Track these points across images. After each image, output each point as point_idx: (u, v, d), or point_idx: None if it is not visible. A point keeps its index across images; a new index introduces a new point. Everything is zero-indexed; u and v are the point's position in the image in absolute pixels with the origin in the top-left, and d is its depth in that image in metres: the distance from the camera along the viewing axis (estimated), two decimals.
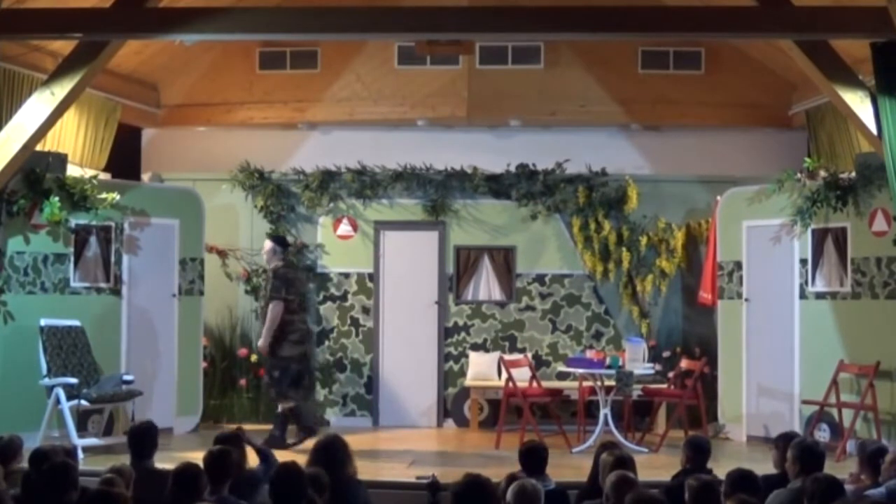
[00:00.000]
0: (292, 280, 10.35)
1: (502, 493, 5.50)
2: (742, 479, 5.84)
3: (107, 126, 11.55)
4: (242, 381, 11.93)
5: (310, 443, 8.34)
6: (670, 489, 6.11)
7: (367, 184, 12.17)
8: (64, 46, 9.59)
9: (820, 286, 10.44)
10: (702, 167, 12.31)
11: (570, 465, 8.89)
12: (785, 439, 6.70)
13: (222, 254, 12.13)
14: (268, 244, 10.58)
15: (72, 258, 10.29)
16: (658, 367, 11.23)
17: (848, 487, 5.91)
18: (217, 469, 5.85)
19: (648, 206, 12.11)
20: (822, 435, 10.05)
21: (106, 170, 11.47)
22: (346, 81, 12.43)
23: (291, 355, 10.23)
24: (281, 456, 7.09)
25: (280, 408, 10.21)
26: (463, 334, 12.15)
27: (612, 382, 10.26)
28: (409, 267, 12.17)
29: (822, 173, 10.46)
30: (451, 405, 12.02)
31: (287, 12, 9.02)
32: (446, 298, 12.17)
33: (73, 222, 10.21)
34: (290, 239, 11.63)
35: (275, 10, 9.57)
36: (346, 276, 12.21)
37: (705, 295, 11.38)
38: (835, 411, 10.04)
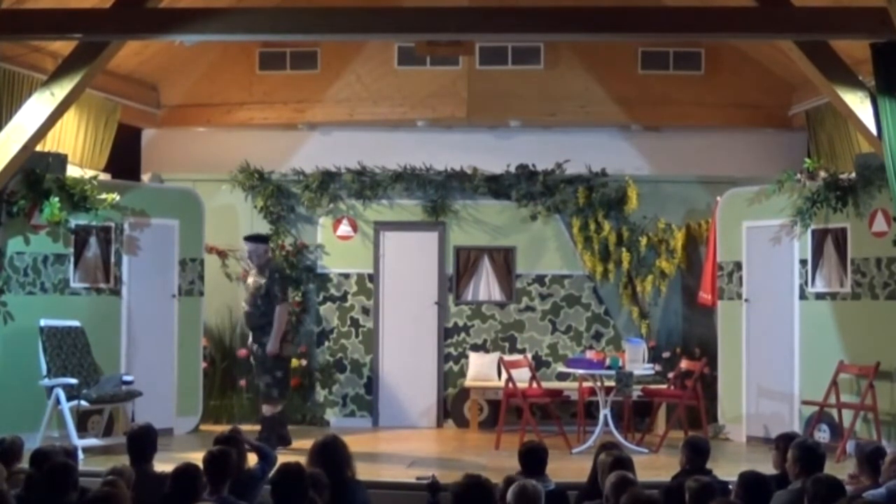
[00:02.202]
0: (287, 280, 10.39)
1: (501, 496, 5.50)
2: (755, 483, 5.80)
3: (107, 126, 11.55)
4: (242, 382, 11.92)
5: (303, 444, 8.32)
6: (670, 490, 6.11)
7: (367, 184, 12.17)
8: (64, 46, 9.59)
9: (820, 287, 10.44)
10: (702, 167, 12.31)
11: (570, 466, 8.89)
12: (785, 440, 6.69)
13: (222, 254, 12.13)
14: (258, 245, 10.33)
15: (72, 259, 10.28)
16: (658, 367, 11.23)
17: (847, 488, 5.90)
18: (216, 469, 5.85)
19: (648, 206, 12.11)
20: (822, 435, 10.05)
21: (106, 170, 11.46)
22: (346, 82, 12.43)
23: (290, 355, 10.34)
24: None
25: (267, 411, 10.14)
26: (463, 335, 12.15)
27: (611, 383, 10.26)
28: (408, 267, 12.16)
29: (822, 174, 10.46)
30: (451, 406, 12.02)
31: (287, 12, 9.01)
32: (446, 299, 12.17)
33: (72, 223, 10.21)
34: (290, 240, 11.68)
35: (275, 10, 9.56)
36: (346, 276, 12.21)
37: (705, 295, 11.38)
38: (835, 412, 10.04)
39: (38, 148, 9.76)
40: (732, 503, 5.34)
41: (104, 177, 11.07)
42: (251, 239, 10.51)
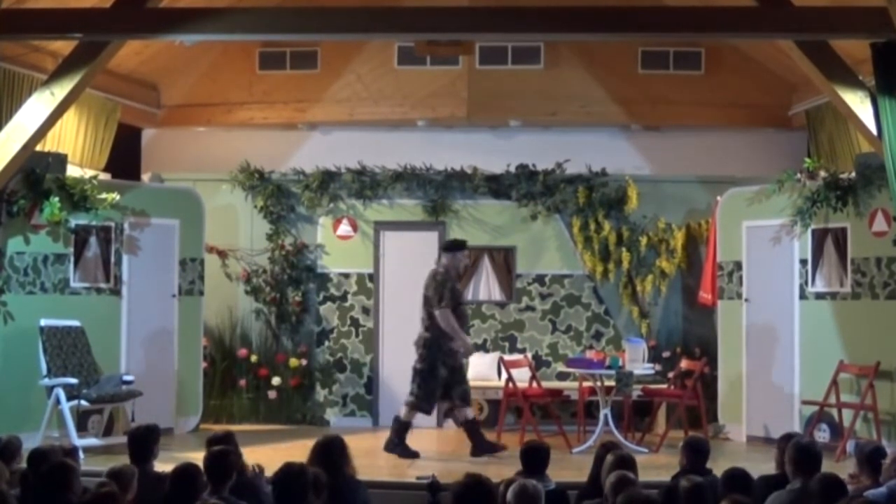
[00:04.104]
0: None
1: (501, 498, 5.50)
2: (734, 478, 5.84)
3: (107, 126, 11.55)
4: (242, 382, 11.93)
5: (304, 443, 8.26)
6: (669, 490, 6.11)
7: (367, 184, 12.17)
8: (64, 46, 9.59)
9: (820, 286, 10.44)
10: (702, 167, 12.31)
11: (570, 466, 8.89)
12: (787, 440, 6.70)
13: (222, 254, 12.13)
14: (465, 249, 10.29)
15: (72, 258, 10.28)
16: (658, 367, 11.22)
17: (847, 488, 5.91)
18: (218, 469, 5.84)
19: (648, 206, 12.11)
20: (822, 435, 10.05)
21: (106, 170, 11.47)
22: (346, 81, 12.44)
23: None
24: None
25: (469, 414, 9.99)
26: None
27: (611, 383, 10.25)
28: (409, 267, 12.14)
29: (822, 173, 10.47)
30: None
31: (287, 12, 9.01)
32: None
33: (73, 222, 10.21)
34: (293, 241, 11.67)
35: (275, 10, 9.56)
36: (346, 276, 12.21)
37: (705, 295, 11.38)
38: (835, 411, 10.04)
39: (38, 148, 9.76)
40: (745, 502, 5.32)
41: (104, 177, 11.07)
42: (463, 244, 10.33)
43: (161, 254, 10.95)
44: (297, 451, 9.06)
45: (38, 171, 9.93)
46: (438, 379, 9.92)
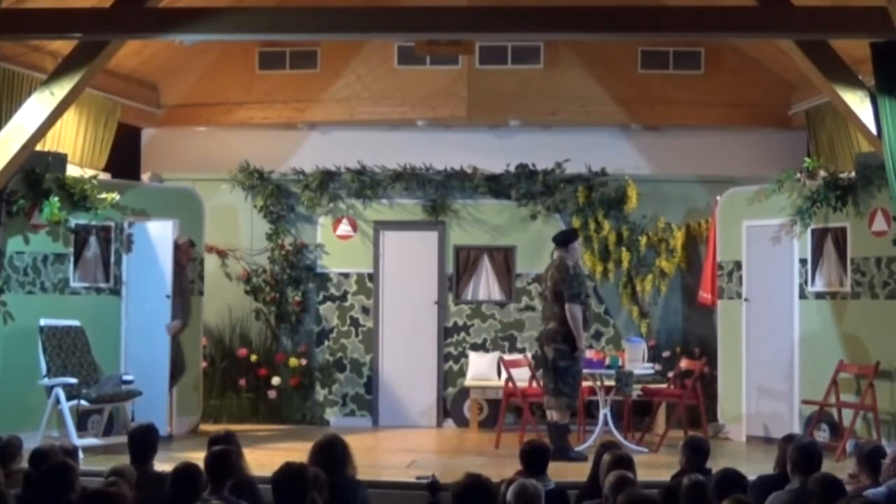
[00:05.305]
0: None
1: (501, 498, 5.50)
2: (727, 480, 5.84)
3: (106, 126, 11.55)
4: (242, 381, 11.93)
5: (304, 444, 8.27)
6: (669, 490, 6.12)
7: (367, 184, 12.17)
8: (64, 46, 9.59)
9: (820, 286, 10.44)
10: (702, 167, 12.31)
11: (570, 466, 8.89)
12: (789, 440, 6.71)
13: (222, 254, 12.13)
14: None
15: (71, 258, 10.28)
16: (658, 367, 11.22)
17: (847, 488, 5.91)
18: (218, 469, 5.84)
19: (648, 206, 12.11)
20: (822, 435, 10.05)
21: (106, 170, 11.47)
22: (346, 81, 12.43)
23: None
24: None
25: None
26: (462, 334, 12.15)
27: (611, 382, 10.26)
28: (408, 267, 12.17)
29: (822, 173, 10.47)
30: (451, 405, 12.03)
31: (287, 12, 9.02)
32: (446, 298, 12.17)
33: (72, 222, 10.21)
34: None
35: (275, 10, 9.57)
36: (346, 276, 12.21)
37: (705, 295, 11.39)
38: (835, 411, 10.04)
39: (38, 147, 9.76)
40: (747, 502, 5.33)
41: (104, 176, 11.07)
42: (576, 233, 10.14)
43: (161, 253, 10.91)
44: (297, 451, 9.06)
45: (38, 171, 9.93)
46: (582, 369, 9.84)
